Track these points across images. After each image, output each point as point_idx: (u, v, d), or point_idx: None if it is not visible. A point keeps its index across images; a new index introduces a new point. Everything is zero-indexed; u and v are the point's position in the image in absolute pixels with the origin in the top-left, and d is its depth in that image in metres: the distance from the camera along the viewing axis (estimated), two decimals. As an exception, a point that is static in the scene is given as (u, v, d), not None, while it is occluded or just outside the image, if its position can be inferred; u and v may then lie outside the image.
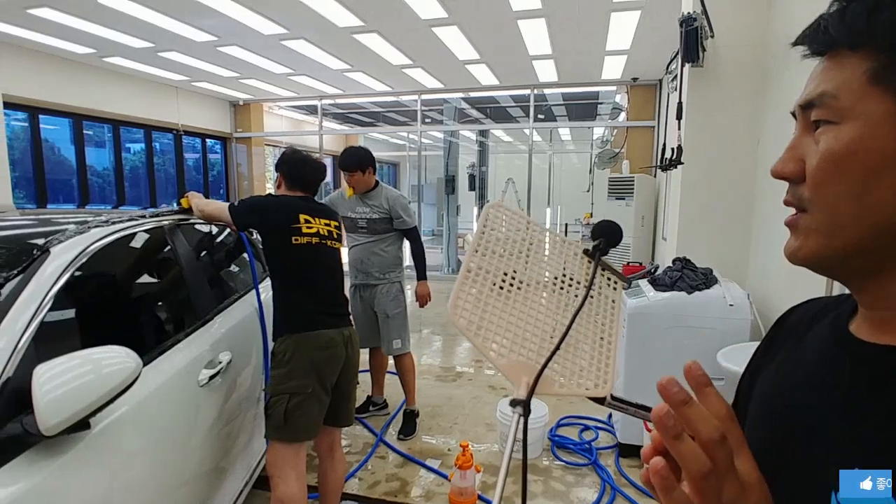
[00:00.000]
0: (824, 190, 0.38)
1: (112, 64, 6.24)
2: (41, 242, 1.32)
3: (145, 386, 1.35)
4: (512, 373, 0.47)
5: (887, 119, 0.35)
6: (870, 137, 0.35)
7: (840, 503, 0.35)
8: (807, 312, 0.53)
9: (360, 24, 4.74)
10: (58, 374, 1.03)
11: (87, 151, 6.83)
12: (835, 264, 0.40)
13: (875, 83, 0.35)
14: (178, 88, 7.62)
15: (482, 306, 0.51)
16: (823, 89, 0.38)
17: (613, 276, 0.63)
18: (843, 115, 0.37)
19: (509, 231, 0.60)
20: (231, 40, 5.31)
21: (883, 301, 0.39)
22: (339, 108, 10.01)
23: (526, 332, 0.52)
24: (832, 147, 0.37)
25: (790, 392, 0.45)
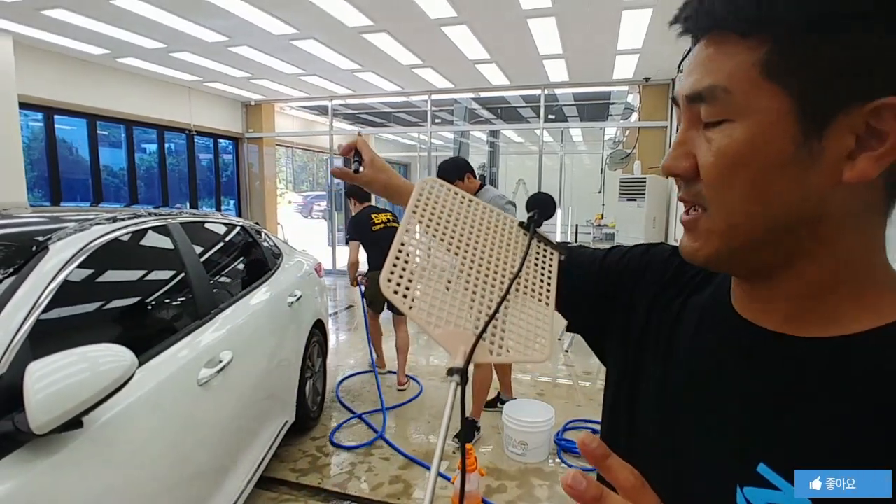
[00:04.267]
0: (721, 190, 0.36)
1: (126, 64, 6.32)
2: (41, 239, 1.32)
3: (142, 385, 1.34)
4: (449, 342, 0.46)
5: (782, 117, 0.33)
6: (765, 137, 0.34)
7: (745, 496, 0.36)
8: (672, 263, 0.53)
9: (369, 24, 4.74)
10: (51, 371, 1.02)
11: (102, 151, 6.92)
12: (734, 263, 0.39)
13: (768, 76, 0.33)
14: (191, 89, 7.69)
15: (416, 278, 0.51)
16: (712, 81, 0.35)
17: (548, 247, 0.63)
18: (736, 112, 0.34)
19: (444, 204, 0.59)
20: (242, 41, 5.34)
21: (775, 296, 0.39)
22: (350, 109, 10.04)
23: (462, 302, 0.51)
24: (727, 147, 0.35)
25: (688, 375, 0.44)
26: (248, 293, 2.26)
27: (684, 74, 0.38)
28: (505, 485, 2.46)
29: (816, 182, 0.33)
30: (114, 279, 1.59)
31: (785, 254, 0.37)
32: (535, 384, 3.77)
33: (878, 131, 0.32)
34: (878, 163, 0.32)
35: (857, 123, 0.32)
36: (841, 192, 0.33)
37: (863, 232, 0.36)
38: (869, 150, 0.32)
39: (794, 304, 0.38)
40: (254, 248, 2.70)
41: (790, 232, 0.35)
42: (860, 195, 0.34)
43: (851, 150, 0.32)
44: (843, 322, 0.36)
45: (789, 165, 0.34)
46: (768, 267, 0.38)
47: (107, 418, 1.20)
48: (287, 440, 2.70)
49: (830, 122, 0.32)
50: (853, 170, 0.33)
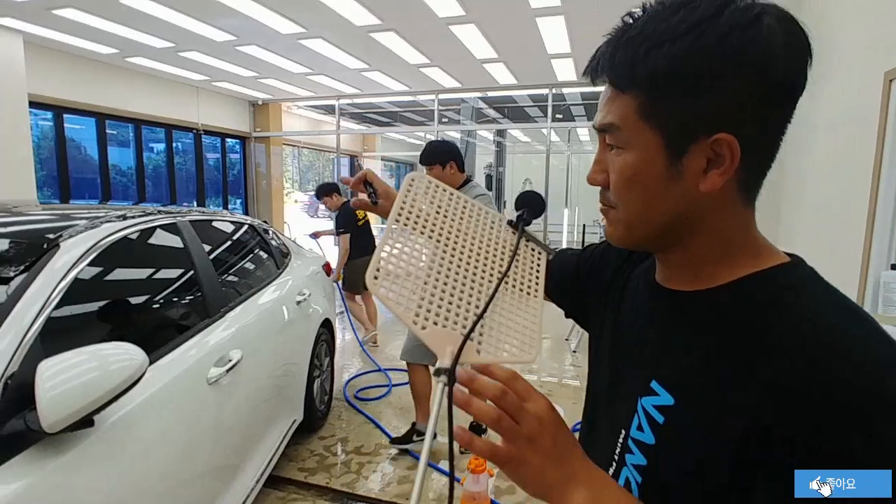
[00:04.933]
0: (622, 198, 0.49)
1: (134, 64, 6.34)
2: (52, 237, 1.31)
3: (152, 383, 1.34)
4: (435, 342, 0.46)
5: (655, 147, 0.45)
6: (646, 162, 0.46)
7: (642, 403, 0.50)
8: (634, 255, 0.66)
9: (377, 23, 4.73)
10: (62, 369, 1.02)
11: (111, 151, 6.95)
12: (638, 247, 0.54)
13: (644, 118, 0.45)
14: (199, 88, 7.72)
15: (404, 276, 0.50)
16: (611, 120, 0.47)
17: (537, 247, 0.65)
18: (626, 143, 0.46)
19: (432, 201, 0.59)
20: (250, 40, 5.34)
21: (670, 264, 0.53)
22: (357, 108, 10.04)
23: (450, 301, 0.51)
24: (622, 168, 0.47)
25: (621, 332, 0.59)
26: (256, 292, 2.25)
27: (598, 108, 0.50)
28: (514, 486, 2.44)
29: (683, 191, 0.45)
30: (124, 277, 1.58)
31: (673, 237, 0.49)
32: (541, 385, 3.74)
33: (719, 155, 0.43)
34: (722, 177, 0.44)
35: (706, 150, 0.43)
36: (705, 197, 0.45)
37: (729, 217, 0.47)
38: (717, 167, 0.44)
39: (682, 269, 0.51)
40: (262, 246, 2.69)
41: (673, 224, 0.48)
42: (720, 196, 0.45)
43: (704, 168, 0.44)
44: (712, 279, 0.48)
45: (663, 181, 0.45)
46: (664, 246, 0.51)
47: (117, 417, 1.20)
48: (295, 439, 2.70)
49: (687, 149, 0.44)
50: (705, 182, 0.44)
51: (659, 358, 0.50)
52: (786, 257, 0.48)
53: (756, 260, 0.47)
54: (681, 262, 0.51)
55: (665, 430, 0.46)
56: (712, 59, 0.41)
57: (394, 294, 0.49)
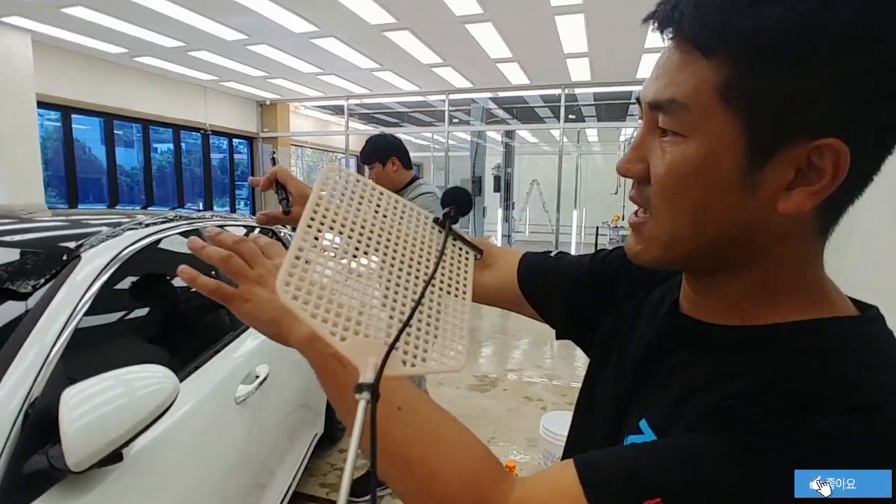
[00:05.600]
0: (668, 202, 0.37)
1: (143, 64, 6.27)
2: (72, 246, 1.21)
3: (180, 404, 1.23)
4: (356, 354, 0.42)
5: (732, 142, 0.34)
6: (714, 159, 0.34)
7: (627, 442, 0.42)
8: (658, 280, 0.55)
9: (392, 22, 4.64)
10: (88, 398, 0.91)
11: (118, 151, 6.88)
12: (672, 267, 0.44)
13: (723, 100, 0.33)
14: (207, 88, 7.64)
15: (319, 281, 0.45)
16: (673, 95, 0.35)
17: (465, 246, 0.61)
18: (691, 130, 0.35)
19: (352, 197, 0.54)
20: (261, 39, 5.26)
21: (704, 293, 0.42)
22: (365, 109, 9.96)
23: (372, 308, 0.47)
24: (678, 162, 0.36)
25: (632, 354, 0.49)
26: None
27: (651, 77, 0.38)
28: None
29: (753, 209, 0.35)
30: (147, 289, 1.48)
31: (720, 263, 0.39)
32: (565, 393, 3.64)
33: (817, 168, 0.32)
34: (812, 198, 0.33)
35: (800, 158, 0.33)
36: (779, 220, 0.35)
37: (797, 250, 0.37)
38: (806, 184, 0.33)
39: (719, 301, 0.41)
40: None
41: (727, 248, 0.37)
42: (797, 221, 0.35)
43: (790, 182, 0.33)
44: (752, 318, 0.39)
45: (732, 191, 0.35)
46: (705, 271, 0.41)
47: (143, 445, 1.09)
48: (315, 452, 2.59)
49: (776, 153, 0.33)
50: (788, 202, 0.34)
51: (655, 395, 0.43)
52: (854, 309, 0.38)
53: (815, 306, 0.37)
54: (721, 294, 0.41)
55: None
56: (842, 26, 0.29)
57: (308, 303, 0.43)
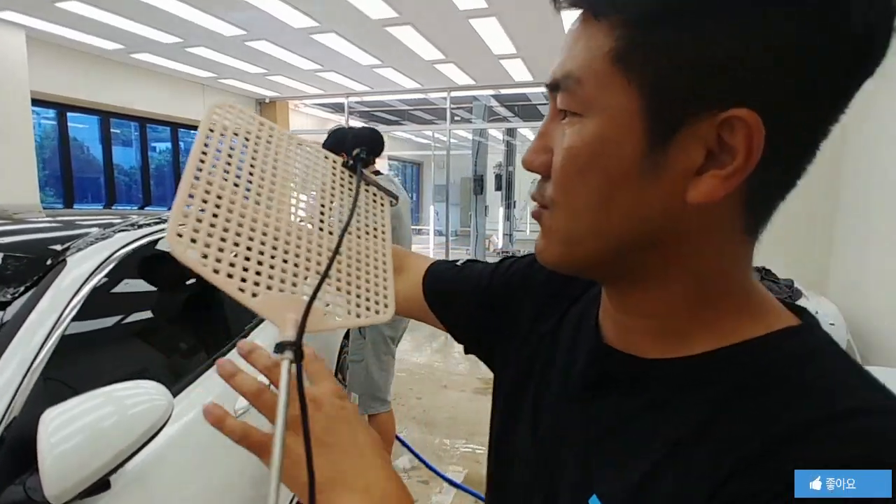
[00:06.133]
0: (566, 195, 0.33)
1: (140, 60, 6.16)
2: (57, 249, 1.12)
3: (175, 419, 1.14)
4: (273, 312, 0.38)
5: (631, 118, 0.29)
6: (611, 139, 0.30)
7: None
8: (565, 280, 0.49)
9: (394, 16, 4.54)
10: (70, 419, 0.82)
11: (115, 150, 6.78)
12: (583, 273, 0.37)
13: (619, 68, 0.29)
14: (205, 86, 7.53)
15: (219, 233, 0.39)
16: (569, 68, 0.31)
17: (378, 191, 0.58)
18: (586, 106, 0.30)
19: (248, 136, 0.48)
20: (260, 34, 5.15)
21: (627, 310, 0.37)
22: (365, 106, 9.85)
23: (284, 259, 0.42)
24: (574, 144, 0.31)
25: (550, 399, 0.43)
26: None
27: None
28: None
29: (660, 199, 0.30)
30: (140, 296, 1.39)
31: (632, 269, 0.34)
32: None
33: (728, 147, 0.28)
34: (725, 183, 0.29)
35: (709, 135, 0.28)
36: (691, 213, 0.30)
37: (721, 253, 0.32)
38: (718, 167, 0.28)
39: (644, 321, 0.36)
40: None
41: (636, 246, 0.32)
42: (715, 217, 0.30)
43: (700, 166, 0.29)
44: (687, 341, 0.34)
45: (634, 176, 0.30)
46: (617, 280, 0.36)
47: (134, 468, 1.00)
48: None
49: (680, 128, 0.28)
50: (698, 189, 0.29)
51: (602, 460, 0.35)
52: (793, 317, 0.34)
53: (752, 316, 0.33)
54: (643, 310, 0.35)
55: None
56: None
57: (209, 257, 0.37)
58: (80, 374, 1.06)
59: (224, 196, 0.42)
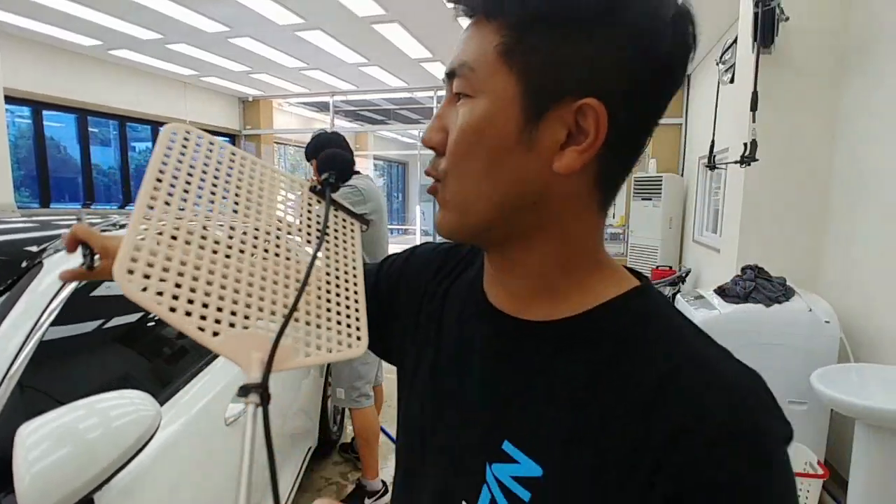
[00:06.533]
0: (457, 165, 0.39)
1: (118, 57, 6.01)
2: (33, 251, 1.05)
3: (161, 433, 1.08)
4: (236, 351, 0.36)
5: (511, 99, 0.36)
6: (495, 116, 0.36)
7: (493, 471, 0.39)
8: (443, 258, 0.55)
9: (381, 13, 4.48)
10: (51, 433, 0.76)
11: (93, 149, 6.60)
12: (475, 238, 0.42)
13: (503, 60, 0.36)
14: (187, 84, 7.38)
15: (177, 266, 0.37)
16: (464, 59, 0.38)
17: (348, 217, 0.56)
18: (477, 89, 0.37)
19: (209, 162, 0.45)
20: (243, 31, 5.05)
21: (510, 272, 0.43)
22: (350, 105, 9.76)
23: (249, 293, 0.40)
24: (466, 121, 0.37)
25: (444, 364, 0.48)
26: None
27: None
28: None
29: (532, 168, 0.37)
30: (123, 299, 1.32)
31: (514, 232, 0.40)
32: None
33: (583, 129, 0.35)
34: (580, 157, 0.36)
35: (568, 118, 0.35)
36: (558, 181, 0.37)
37: (581, 221, 0.40)
38: (576, 144, 0.36)
39: (525, 282, 0.42)
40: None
41: (515, 211, 0.38)
42: (575, 186, 0.38)
43: (563, 143, 0.36)
44: (560, 302, 0.41)
45: (512, 148, 0.36)
46: (502, 244, 0.41)
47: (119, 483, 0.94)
48: (309, 466, 2.44)
49: (547, 111, 0.35)
50: (561, 160, 0.36)
51: (510, 411, 0.40)
52: (635, 279, 0.42)
53: (608, 279, 0.41)
54: (525, 271, 0.42)
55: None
56: (597, 4, 0.34)
57: (164, 294, 0.35)
58: (60, 382, 0.99)
59: (181, 227, 0.39)
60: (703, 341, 0.38)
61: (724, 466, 0.31)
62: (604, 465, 0.34)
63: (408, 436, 0.51)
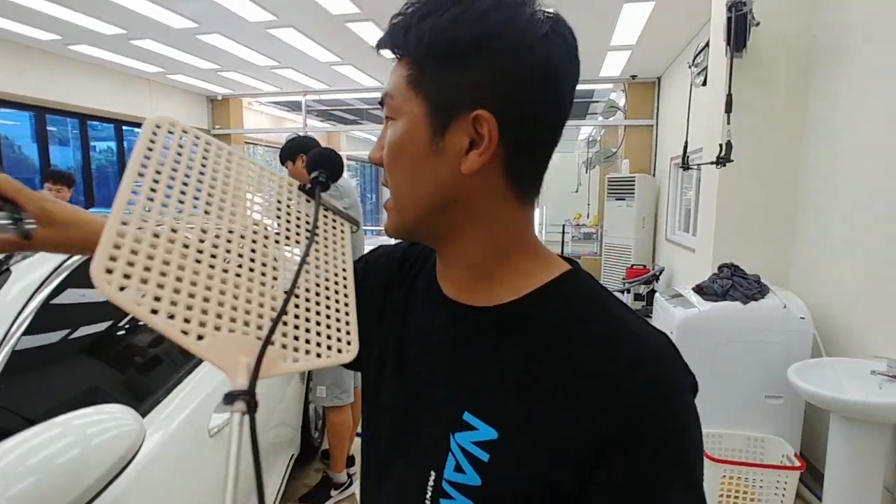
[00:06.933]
0: (391, 175, 0.46)
1: (79, 52, 5.75)
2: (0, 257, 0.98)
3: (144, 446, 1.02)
4: (222, 357, 0.34)
5: (420, 118, 0.44)
6: (411, 132, 0.44)
7: (456, 440, 0.45)
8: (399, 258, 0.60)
9: (355, 12, 4.41)
10: (24, 455, 0.70)
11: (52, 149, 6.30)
12: (415, 235, 0.49)
13: (412, 88, 0.44)
14: (152, 81, 7.13)
15: (159, 266, 0.35)
16: (387, 89, 0.46)
17: (338, 217, 0.56)
18: (397, 112, 0.45)
19: (192, 157, 0.44)
20: (213, 27, 4.90)
21: (452, 263, 0.50)
22: (323, 105, 9.61)
23: (235, 295, 0.39)
24: (391, 139, 0.45)
25: (407, 351, 0.53)
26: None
27: None
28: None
29: (445, 171, 0.44)
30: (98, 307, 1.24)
31: (445, 227, 0.46)
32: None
33: (481, 135, 0.42)
34: (480, 158, 0.43)
35: (468, 128, 0.43)
36: (470, 181, 0.43)
37: (502, 211, 0.46)
38: (476, 149, 0.43)
39: (467, 272, 0.48)
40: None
41: (442, 210, 0.45)
42: (487, 183, 0.44)
43: (467, 149, 0.43)
44: (500, 288, 0.47)
45: (427, 157, 0.44)
46: (440, 235, 0.48)
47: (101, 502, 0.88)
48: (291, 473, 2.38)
49: (449, 124, 0.43)
50: (466, 163, 0.43)
51: (467, 386, 0.46)
52: (566, 264, 0.48)
53: (540, 264, 0.47)
54: (463, 261, 0.48)
55: (492, 467, 0.42)
56: (470, 33, 0.41)
57: (146, 295, 0.33)
58: (32, 397, 0.92)
59: (165, 224, 0.37)
60: (627, 315, 0.44)
61: (646, 412, 0.38)
62: (550, 427, 0.40)
63: (377, 423, 0.55)
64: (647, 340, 0.42)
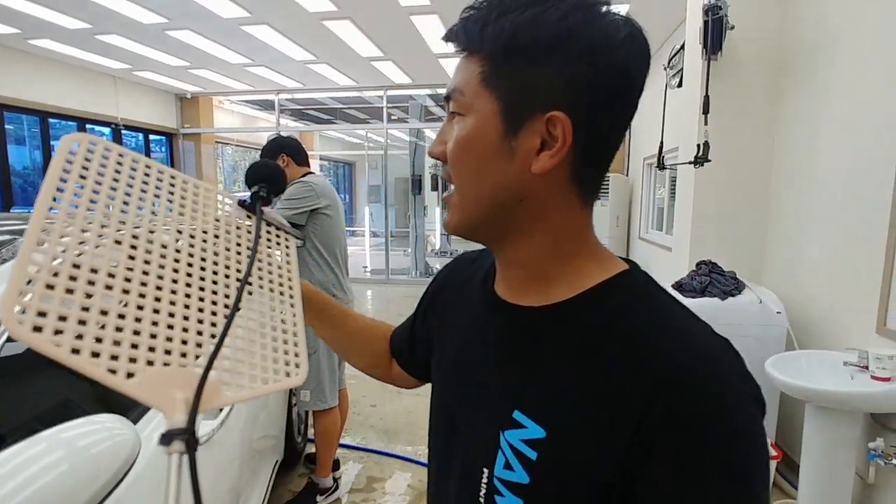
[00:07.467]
0: (456, 171, 0.46)
1: (40, 47, 5.51)
2: (-28, 262, 0.92)
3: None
4: (155, 394, 0.32)
5: (493, 116, 0.44)
6: (481, 129, 0.44)
7: (506, 437, 0.45)
8: (458, 271, 0.64)
9: (332, 10, 4.36)
10: (9, 474, 0.66)
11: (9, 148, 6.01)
12: (476, 233, 0.49)
13: (485, 85, 0.44)
14: (118, 78, 6.89)
15: (80, 301, 0.32)
16: (456, 85, 0.46)
17: (282, 231, 0.54)
18: (467, 109, 0.45)
19: (118, 177, 0.41)
20: (183, 23, 4.76)
21: (511, 264, 0.50)
22: (296, 104, 9.46)
23: (169, 325, 0.36)
24: (459, 134, 0.45)
25: (463, 354, 0.55)
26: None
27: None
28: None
29: (513, 171, 0.44)
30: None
31: (510, 223, 0.46)
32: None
33: (554, 136, 0.43)
34: (552, 159, 0.43)
35: (541, 128, 0.43)
36: (537, 181, 0.44)
37: (564, 213, 0.46)
38: (549, 150, 0.43)
39: (524, 271, 0.48)
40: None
41: (506, 208, 0.45)
42: (553, 184, 0.44)
43: (538, 149, 0.43)
44: (557, 287, 0.47)
45: (496, 155, 0.44)
46: (502, 234, 0.48)
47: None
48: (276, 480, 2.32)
49: (523, 124, 0.43)
50: (537, 163, 0.43)
51: (517, 385, 0.46)
52: (624, 264, 0.49)
53: (598, 265, 0.47)
54: (522, 261, 0.48)
55: (540, 466, 0.42)
56: (551, 33, 0.41)
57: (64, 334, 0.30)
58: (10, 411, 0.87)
59: (85, 253, 0.34)
60: (683, 314, 0.44)
61: (695, 411, 0.37)
62: (596, 425, 0.40)
63: (438, 429, 0.57)
64: (700, 340, 0.41)
